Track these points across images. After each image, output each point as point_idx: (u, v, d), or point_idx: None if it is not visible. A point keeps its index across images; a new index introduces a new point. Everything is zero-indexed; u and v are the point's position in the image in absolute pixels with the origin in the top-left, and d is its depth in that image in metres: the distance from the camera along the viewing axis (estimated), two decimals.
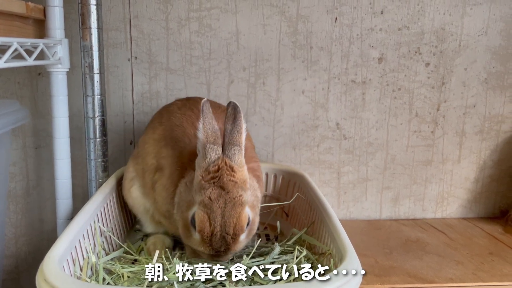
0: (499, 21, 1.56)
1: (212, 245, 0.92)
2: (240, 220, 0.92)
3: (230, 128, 0.96)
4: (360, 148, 1.62)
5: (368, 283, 1.19)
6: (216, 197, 0.91)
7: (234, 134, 0.95)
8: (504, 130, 1.65)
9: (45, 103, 1.48)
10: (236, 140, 0.95)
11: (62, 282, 0.73)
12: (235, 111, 0.97)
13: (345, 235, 0.94)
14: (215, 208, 0.91)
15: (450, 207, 1.70)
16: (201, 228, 0.91)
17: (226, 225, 0.91)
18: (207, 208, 0.91)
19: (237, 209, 0.91)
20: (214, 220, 0.90)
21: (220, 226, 0.91)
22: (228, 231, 0.91)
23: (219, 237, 0.91)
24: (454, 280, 1.22)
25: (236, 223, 0.91)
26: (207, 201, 0.91)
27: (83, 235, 0.98)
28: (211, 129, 0.95)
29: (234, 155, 0.94)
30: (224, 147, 0.96)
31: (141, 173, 1.16)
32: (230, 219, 0.91)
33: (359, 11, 1.52)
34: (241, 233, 0.93)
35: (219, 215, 0.91)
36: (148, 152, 1.14)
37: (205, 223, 0.90)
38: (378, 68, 1.56)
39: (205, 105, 0.96)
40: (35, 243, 1.58)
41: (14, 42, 0.98)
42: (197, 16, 1.48)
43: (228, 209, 0.91)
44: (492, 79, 1.61)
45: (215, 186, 0.92)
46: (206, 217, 0.90)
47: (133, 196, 1.19)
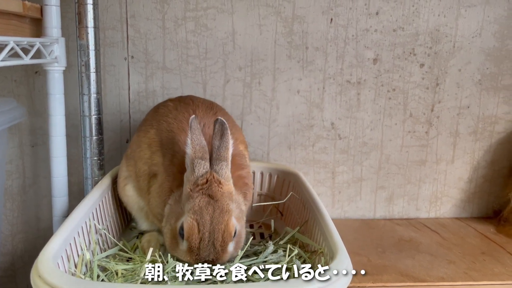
0: (493, 23, 1.57)
1: (200, 253, 0.92)
2: (228, 227, 0.93)
3: (217, 144, 0.99)
4: (355, 148, 1.63)
5: (360, 282, 1.21)
6: (205, 205, 0.93)
7: (221, 150, 0.98)
8: (497, 131, 1.67)
9: (42, 101, 1.49)
10: (223, 155, 0.98)
11: (56, 279, 0.74)
12: (222, 128, 1.00)
13: (336, 234, 0.96)
14: (204, 214, 0.92)
15: (443, 207, 1.71)
16: (189, 234, 0.92)
17: (215, 232, 0.92)
18: (196, 215, 0.92)
19: (225, 216, 0.93)
20: (203, 226, 0.92)
21: (209, 232, 0.92)
22: (217, 238, 0.92)
23: (208, 244, 0.92)
24: (446, 279, 1.23)
25: (224, 230, 0.93)
26: (196, 208, 0.93)
27: (78, 232, 0.99)
28: (199, 145, 0.98)
29: (221, 169, 0.97)
30: (212, 162, 0.99)
31: (134, 176, 1.18)
32: (218, 225, 0.92)
33: (354, 12, 1.53)
34: (229, 240, 0.94)
35: (208, 221, 0.92)
36: (140, 157, 1.15)
37: (193, 229, 0.92)
38: (373, 69, 1.57)
39: (193, 121, 0.98)
40: (31, 240, 1.59)
41: (11, 41, 0.99)
42: (193, 16, 1.49)
43: (216, 215, 0.93)
44: (486, 80, 1.62)
45: (204, 195, 0.95)
46: (195, 223, 0.92)
47: (128, 194, 1.20)
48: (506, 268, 1.31)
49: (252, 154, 1.60)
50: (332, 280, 0.76)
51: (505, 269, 1.30)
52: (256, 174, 1.47)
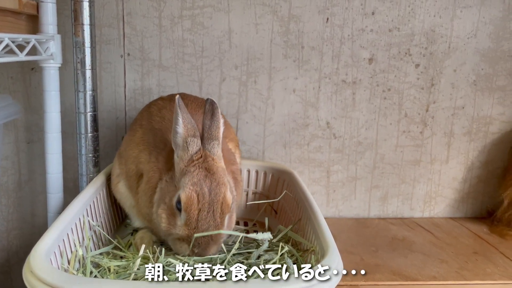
0: (489, 24, 1.58)
1: (198, 225, 0.93)
2: (226, 199, 0.95)
3: (208, 123, 1.00)
4: (350, 147, 1.64)
5: (353, 280, 1.21)
6: (203, 177, 0.95)
7: (212, 129, 1.00)
8: (492, 132, 1.68)
9: (37, 98, 1.50)
10: (215, 134, 1.00)
11: (48, 274, 0.74)
12: (212, 107, 1.01)
13: (328, 232, 0.96)
14: (203, 186, 0.94)
15: (437, 207, 1.72)
16: (188, 205, 0.92)
17: (214, 203, 0.93)
18: (195, 186, 0.93)
19: (222, 188, 0.95)
20: (203, 197, 0.93)
21: (208, 203, 0.93)
22: (216, 208, 0.93)
23: (207, 215, 0.92)
24: (438, 278, 1.24)
25: (223, 202, 0.94)
26: (195, 180, 0.94)
27: (71, 228, 0.99)
28: (189, 123, 0.99)
29: (213, 148, 0.99)
30: (204, 141, 1.00)
31: (125, 175, 1.18)
32: (217, 197, 0.94)
33: (350, 12, 1.53)
34: (227, 211, 0.95)
35: (207, 193, 0.93)
36: (129, 156, 1.16)
37: (193, 200, 0.92)
38: (369, 69, 1.58)
39: (180, 100, 0.99)
40: (26, 237, 1.59)
41: (6, 38, 0.99)
42: (190, 14, 1.49)
43: (214, 187, 0.94)
44: (481, 81, 1.63)
45: (201, 169, 0.96)
46: (194, 194, 0.93)
47: (120, 191, 1.21)
48: (498, 268, 1.32)
49: (247, 152, 1.61)
50: (322, 278, 0.77)
51: (497, 269, 1.31)
52: (251, 173, 1.48)
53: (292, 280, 0.74)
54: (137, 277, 0.91)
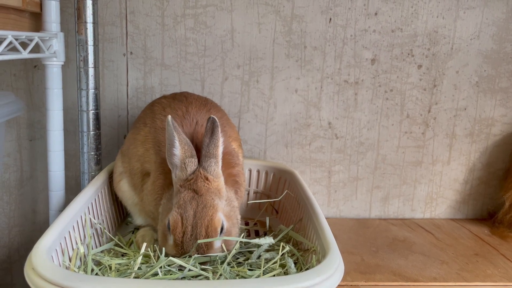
0: (492, 25, 1.58)
1: (183, 247, 0.94)
2: (212, 223, 0.94)
3: (207, 141, 1.00)
4: (351, 148, 1.64)
5: (353, 280, 1.21)
6: (189, 199, 0.96)
7: (210, 147, 1.00)
8: (494, 133, 1.67)
9: (40, 96, 1.50)
10: (213, 153, 1.00)
11: (49, 272, 0.74)
12: (213, 125, 1.01)
13: (329, 233, 0.96)
14: (188, 208, 0.94)
15: (438, 208, 1.72)
16: (173, 228, 0.94)
17: (198, 226, 0.94)
18: (180, 209, 0.95)
19: (208, 211, 0.95)
20: (186, 220, 0.94)
21: (191, 226, 0.94)
22: (200, 232, 0.93)
23: (190, 238, 0.93)
24: (438, 279, 1.24)
25: (208, 225, 0.94)
26: (181, 202, 0.95)
27: (73, 226, 1.00)
28: (186, 144, 1.00)
29: (210, 166, 0.99)
30: (201, 159, 1.00)
31: (128, 173, 1.19)
32: (201, 220, 0.94)
33: (353, 12, 1.53)
34: (214, 235, 0.95)
35: (191, 215, 0.94)
36: (133, 154, 1.16)
37: (177, 223, 0.94)
38: (371, 69, 1.58)
39: (172, 121, 0.99)
40: (27, 233, 1.60)
41: (9, 35, 0.99)
42: (192, 13, 1.49)
43: (199, 210, 0.95)
44: (483, 83, 1.63)
45: (189, 190, 0.97)
46: (178, 217, 0.94)
47: (122, 189, 1.21)
48: (498, 269, 1.32)
49: (249, 152, 1.61)
50: (323, 278, 0.77)
51: (498, 271, 1.31)
52: (252, 172, 1.48)
53: (293, 280, 0.74)
54: (138, 275, 0.91)
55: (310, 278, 0.75)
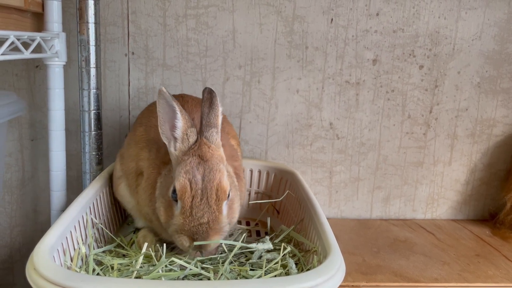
0: (493, 26, 1.58)
1: (193, 213, 0.90)
2: (221, 185, 0.92)
3: (207, 111, 0.99)
4: (353, 148, 1.64)
5: (355, 281, 1.21)
6: (196, 165, 0.93)
7: (211, 117, 0.99)
8: (495, 134, 1.67)
9: (42, 96, 1.50)
10: (213, 122, 0.99)
11: (51, 272, 0.74)
12: (211, 96, 1.00)
13: (331, 233, 0.96)
14: (196, 173, 0.92)
15: (440, 209, 1.72)
16: (182, 193, 0.91)
17: (207, 189, 0.91)
18: (187, 174, 0.91)
19: (216, 175, 0.92)
20: (195, 184, 0.91)
21: (201, 190, 0.91)
22: (210, 195, 0.91)
23: (200, 202, 0.90)
24: (439, 280, 1.24)
25: (217, 188, 0.91)
26: (187, 168, 0.92)
27: (74, 226, 1.00)
28: (186, 114, 0.98)
29: (211, 136, 0.98)
30: (202, 129, 0.99)
31: (125, 174, 1.19)
32: (210, 183, 0.91)
33: (355, 12, 1.53)
34: (223, 198, 0.92)
35: (200, 180, 0.91)
36: (129, 155, 1.16)
37: (186, 187, 0.90)
38: (372, 70, 1.58)
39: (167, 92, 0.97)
40: (29, 233, 1.60)
41: (11, 35, 0.99)
42: (194, 14, 1.49)
43: (207, 174, 0.92)
44: (485, 83, 1.62)
45: (194, 156, 0.95)
46: (187, 182, 0.91)
47: (121, 194, 1.21)
48: (500, 270, 1.32)
49: (250, 152, 1.61)
50: (324, 279, 0.77)
51: (499, 272, 1.31)
52: (253, 172, 1.48)
53: (294, 280, 0.74)
54: (140, 275, 0.92)
55: (312, 279, 0.75)
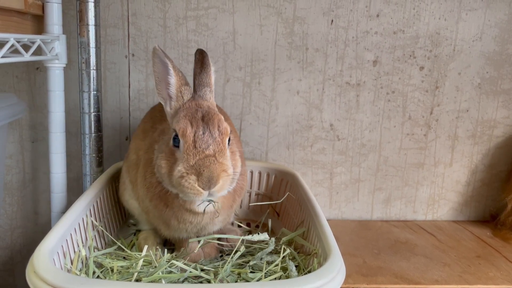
0: (494, 27, 1.58)
1: (197, 146, 0.86)
2: (221, 122, 0.90)
3: (199, 71, 1.00)
4: (353, 149, 1.64)
5: (355, 283, 1.21)
6: (194, 110, 0.92)
7: (203, 76, 0.99)
8: (496, 135, 1.67)
9: (42, 97, 1.50)
10: (206, 81, 0.99)
11: (51, 275, 0.74)
12: (202, 56, 1.01)
13: (331, 236, 0.96)
14: (195, 115, 0.90)
15: (440, 210, 1.72)
16: (183, 131, 0.88)
17: (209, 124, 0.89)
18: (187, 116, 0.90)
19: (215, 117, 0.91)
20: (196, 122, 0.89)
21: (202, 127, 0.88)
22: (213, 129, 0.88)
23: (203, 135, 0.88)
24: (440, 282, 1.24)
25: (219, 124, 0.90)
26: (185, 112, 0.91)
27: (74, 229, 1.00)
28: (180, 71, 0.98)
29: (205, 94, 0.98)
30: (195, 88, 0.99)
31: (129, 172, 1.18)
32: (212, 120, 0.90)
33: (355, 14, 1.53)
34: (225, 134, 0.90)
35: (200, 119, 0.90)
36: (130, 149, 1.18)
37: (186, 125, 0.88)
38: (373, 71, 1.58)
39: (161, 49, 0.95)
40: (30, 235, 1.60)
41: (11, 38, 0.99)
42: (194, 15, 1.49)
43: (206, 115, 0.91)
44: (486, 84, 1.62)
45: (192, 105, 0.94)
46: (187, 121, 0.89)
47: (126, 198, 1.21)
48: (500, 272, 1.31)
49: (250, 153, 1.61)
50: (324, 281, 0.77)
51: (500, 273, 1.31)
52: (254, 174, 1.48)
53: (294, 283, 0.74)
54: (140, 278, 0.92)
55: (312, 281, 0.75)
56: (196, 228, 1.01)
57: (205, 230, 1.03)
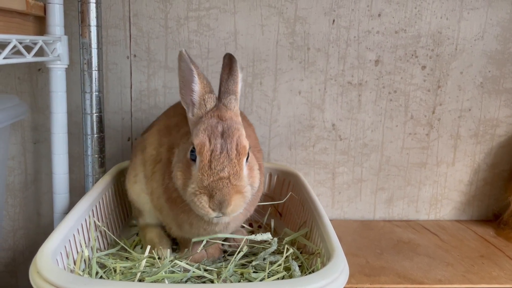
0: (496, 25, 1.57)
1: (212, 167, 0.85)
2: (241, 141, 0.88)
3: (226, 77, 0.97)
4: (355, 149, 1.64)
5: (358, 283, 1.21)
6: (215, 124, 0.89)
7: (230, 83, 0.96)
8: (498, 134, 1.67)
9: (44, 99, 1.50)
10: (232, 89, 0.96)
11: (54, 275, 0.74)
12: (231, 61, 0.98)
13: (334, 236, 0.96)
14: (214, 130, 0.88)
15: (443, 209, 1.72)
16: (200, 147, 0.87)
17: (227, 143, 0.87)
18: (206, 131, 0.88)
19: (235, 132, 0.89)
20: (215, 139, 0.87)
21: (220, 145, 0.87)
22: (230, 149, 0.87)
23: (220, 155, 0.86)
24: (443, 281, 1.24)
25: (237, 143, 0.88)
26: (205, 125, 0.89)
27: (77, 229, 1.00)
28: (205, 79, 0.96)
29: (230, 103, 0.95)
30: (220, 95, 0.96)
31: (144, 165, 1.15)
32: (230, 138, 0.88)
33: (356, 13, 1.53)
34: (243, 154, 0.88)
35: (219, 135, 0.88)
36: (150, 143, 1.14)
37: (204, 141, 0.87)
38: (375, 70, 1.58)
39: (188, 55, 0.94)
40: (32, 236, 1.60)
41: (13, 39, 0.99)
42: (196, 16, 1.49)
43: (226, 130, 0.89)
44: (488, 83, 1.62)
45: (213, 117, 0.91)
46: (205, 137, 0.87)
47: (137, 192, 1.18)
48: (504, 271, 1.31)
49: None
50: (328, 281, 0.76)
51: (504, 273, 1.30)
52: None
53: (298, 283, 0.74)
54: (143, 278, 0.91)
55: (315, 281, 0.75)
56: (208, 234, 1.00)
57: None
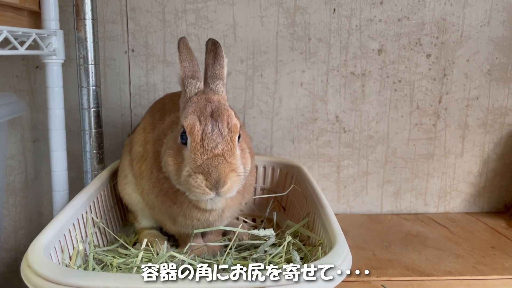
0: (502, 11, 1.53)
1: (205, 145, 0.83)
2: (231, 119, 0.87)
3: (211, 62, 0.96)
4: (360, 141, 1.60)
5: (364, 276, 1.17)
6: (204, 105, 0.88)
7: (216, 68, 0.95)
8: (508, 123, 1.62)
9: (43, 97, 1.49)
10: (219, 74, 0.95)
11: (44, 268, 0.72)
12: (215, 46, 0.97)
13: (336, 225, 0.93)
14: (204, 111, 0.87)
15: (453, 202, 1.67)
16: (191, 127, 0.85)
17: (218, 122, 0.86)
18: (195, 112, 0.87)
19: (224, 112, 0.87)
20: (205, 119, 0.86)
21: (211, 124, 0.85)
22: (222, 127, 0.85)
23: (212, 133, 0.84)
24: (453, 273, 1.19)
25: (228, 122, 0.86)
26: (194, 107, 0.88)
27: (73, 224, 0.97)
28: (188, 63, 0.94)
29: (217, 88, 0.94)
30: (207, 81, 0.95)
31: (132, 164, 1.15)
32: (220, 117, 0.86)
33: (358, 1, 1.49)
34: (235, 132, 0.86)
35: (208, 115, 0.86)
36: (136, 141, 1.13)
37: (195, 122, 0.85)
38: (378, 60, 1.54)
39: (182, 41, 0.95)
40: (34, 236, 1.56)
41: (4, 30, 0.98)
42: (193, 8, 1.47)
43: (215, 111, 0.87)
44: (495, 71, 1.57)
45: (201, 99, 0.90)
46: (195, 117, 0.86)
47: (128, 193, 1.16)
48: None
49: (255, 148, 1.58)
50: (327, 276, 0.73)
51: None
52: (259, 168, 1.44)
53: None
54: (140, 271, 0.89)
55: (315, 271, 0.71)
56: (203, 225, 0.99)
57: (212, 226, 1.00)
